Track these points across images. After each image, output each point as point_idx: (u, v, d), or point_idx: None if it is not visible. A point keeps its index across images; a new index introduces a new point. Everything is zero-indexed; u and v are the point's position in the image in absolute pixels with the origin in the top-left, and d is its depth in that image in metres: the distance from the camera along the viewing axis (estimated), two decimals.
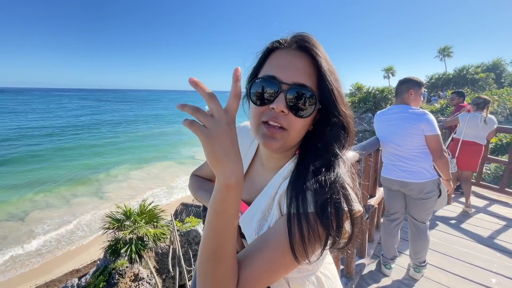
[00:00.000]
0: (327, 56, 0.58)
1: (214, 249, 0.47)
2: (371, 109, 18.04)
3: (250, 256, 0.52)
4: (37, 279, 9.61)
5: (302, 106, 0.54)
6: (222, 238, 0.47)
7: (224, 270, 0.48)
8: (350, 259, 2.14)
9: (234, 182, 0.44)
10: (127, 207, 6.88)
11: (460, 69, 26.78)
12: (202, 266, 0.49)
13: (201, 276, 0.49)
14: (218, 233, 0.47)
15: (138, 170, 21.63)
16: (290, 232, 0.51)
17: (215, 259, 0.47)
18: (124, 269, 7.29)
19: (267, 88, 0.55)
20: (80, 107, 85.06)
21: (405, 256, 2.52)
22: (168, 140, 35.97)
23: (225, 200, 0.45)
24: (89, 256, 10.83)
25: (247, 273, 0.50)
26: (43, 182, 18.37)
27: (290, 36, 0.58)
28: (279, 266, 0.51)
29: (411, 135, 2.02)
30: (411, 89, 2.07)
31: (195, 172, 1.00)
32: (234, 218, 0.48)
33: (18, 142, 31.00)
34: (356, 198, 0.56)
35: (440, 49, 40.31)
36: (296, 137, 0.58)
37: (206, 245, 0.48)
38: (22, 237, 11.88)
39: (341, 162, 0.58)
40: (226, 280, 0.48)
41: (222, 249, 0.47)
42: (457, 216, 3.38)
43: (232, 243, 0.49)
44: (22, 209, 14.38)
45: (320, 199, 0.52)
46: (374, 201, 2.48)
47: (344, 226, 0.52)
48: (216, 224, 0.47)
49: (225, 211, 0.46)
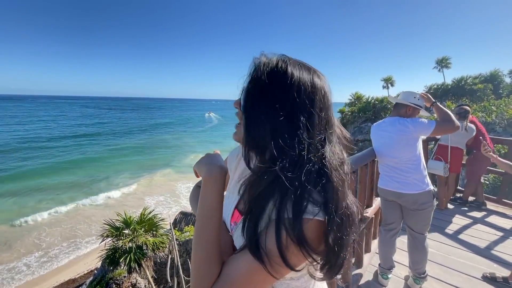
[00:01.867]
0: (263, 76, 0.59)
1: (201, 231, 0.59)
2: (371, 118, 18.16)
3: (228, 260, 0.56)
4: None
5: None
6: (206, 221, 0.60)
7: (208, 253, 0.57)
8: (346, 269, 2.16)
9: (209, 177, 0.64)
10: (127, 215, 6.87)
11: (458, 79, 27.08)
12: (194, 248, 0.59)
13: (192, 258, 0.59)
14: (203, 217, 0.60)
15: (138, 178, 21.58)
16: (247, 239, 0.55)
17: (202, 240, 0.58)
18: (122, 278, 7.19)
19: None
20: (81, 115, 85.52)
21: (402, 267, 2.54)
22: (169, 148, 36.04)
23: (204, 190, 0.63)
24: (85, 266, 10.67)
25: (225, 272, 0.55)
26: (43, 190, 18.33)
27: None
28: (249, 276, 0.52)
29: (405, 147, 2.07)
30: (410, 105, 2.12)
31: (198, 183, 1.01)
32: (212, 207, 0.61)
33: (18, 151, 31.08)
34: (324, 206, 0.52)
35: (438, 60, 40.86)
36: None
37: (197, 230, 0.61)
38: (19, 246, 11.78)
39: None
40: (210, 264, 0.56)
41: (207, 230, 0.59)
42: (454, 227, 3.39)
43: (215, 228, 0.60)
44: (22, 217, 14.29)
45: (277, 207, 0.52)
46: (370, 211, 2.51)
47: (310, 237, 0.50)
48: (202, 210, 0.61)
49: (205, 199, 0.62)
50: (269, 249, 0.50)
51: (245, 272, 0.53)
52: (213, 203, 0.61)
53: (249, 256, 0.52)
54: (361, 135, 16.29)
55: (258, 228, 0.54)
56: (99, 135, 45.28)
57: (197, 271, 0.55)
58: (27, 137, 39.50)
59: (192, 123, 76.23)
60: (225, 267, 0.56)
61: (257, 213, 0.55)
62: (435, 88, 28.56)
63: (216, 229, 0.60)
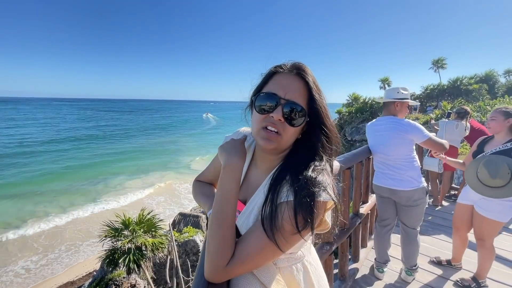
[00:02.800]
0: (316, 80, 0.73)
1: (218, 212, 0.66)
2: (368, 119, 18.27)
3: (241, 240, 0.66)
4: None
5: (294, 117, 0.69)
6: (223, 204, 0.67)
7: (224, 232, 0.63)
8: (343, 263, 2.22)
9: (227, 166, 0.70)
10: (125, 216, 6.88)
11: (454, 80, 27.35)
12: (209, 230, 0.65)
13: (208, 240, 0.64)
14: (221, 200, 0.67)
15: (135, 180, 21.59)
16: (262, 219, 0.64)
17: (219, 220, 0.65)
18: (121, 279, 7.20)
19: (269, 101, 0.70)
20: (79, 117, 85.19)
21: (397, 261, 2.60)
22: (167, 149, 36.02)
23: (223, 177, 0.69)
24: (84, 268, 10.65)
25: (239, 250, 0.63)
26: (41, 193, 18.24)
27: (290, 64, 0.74)
28: (262, 251, 0.62)
29: (398, 145, 2.14)
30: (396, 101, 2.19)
31: (198, 178, 1.09)
32: (231, 190, 0.68)
33: (16, 152, 30.89)
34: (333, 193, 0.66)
35: (434, 60, 41.22)
36: (287, 141, 0.72)
37: (214, 211, 0.66)
38: (17, 248, 11.72)
39: (321, 163, 0.70)
40: (225, 243, 0.63)
41: (224, 212, 0.65)
42: (448, 223, 3.47)
43: (231, 211, 0.67)
44: (21, 220, 14.23)
45: (294, 190, 0.63)
46: (366, 207, 2.58)
47: (319, 215, 0.63)
48: (220, 193, 0.68)
49: (223, 185, 0.68)
50: (284, 227, 0.61)
51: (258, 248, 0.62)
52: (230, 189, 0.68)
53: (261, 235, 0.62)
54: (359, 135, 16.40)
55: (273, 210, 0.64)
56: (97, 137, 45.10)
57: (215, 250, 0.62)
58: (24, 140, 39.28)
59: (190, 124, 76.32)
60: (238, 246, 0.64)
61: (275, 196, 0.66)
62: (431, 89, 28.82)
63: (232, 213, 0.67)
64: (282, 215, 0.62)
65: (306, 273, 0.79)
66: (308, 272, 0.80)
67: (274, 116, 0.68)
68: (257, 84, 0.78)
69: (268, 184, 0.71)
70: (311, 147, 0.72)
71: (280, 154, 0.77)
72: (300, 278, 0.77)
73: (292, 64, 0.73)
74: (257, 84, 0.78)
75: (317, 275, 0.83)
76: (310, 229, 0.62)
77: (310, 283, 0.79)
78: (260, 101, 0.71)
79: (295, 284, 0.76)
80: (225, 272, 0.62)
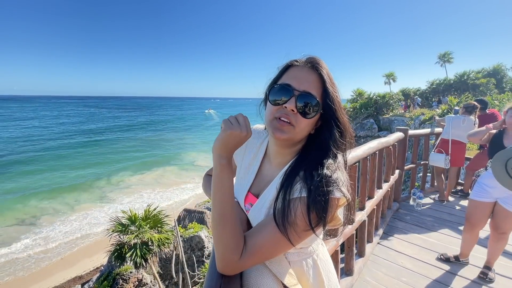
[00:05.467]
0: (330, 74, 0.74)
1: (219, 214, 0.64)
2: (372, 114, 18.10)
3: (252, 233, 0.67)
4: (39, 286, 9.65)
5: (307, 109, 0.69)
6: (223, 204, 0.65)
7: (229, 233, 0.63)
8: (350, 258, 2.23)
9: (225, 162, 0.67)
10: (132, 212, 6.98)
11: (461, 74, 26.85)
12: (214, 231, 0.64)
13: (216, 238, 0.64)
14: (220, 200, 0.65)
15: (140, 175, 21.83)
16: (274, 214, 0.65)
17: (221, 222, 0.64)
18: (128, 274, 7.33)
19: (283, 92, 0.70)
20: (81, 114, 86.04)
21: (404, 256, 2.60)
22: (169, 146, 36.20)
23: (221, 174, 0.66)
24: (91, 263, 10.86)
25: (251, 243, 0.64)
26: (46, 189, 18.54)
27: (305, 58, 0.75)
28: (273, 244, 0.64)
29: None
30: None
31: (208, 172, 1.11)
32: (229, 189, 0.67)
33: (22, 147, 31.37)
34: (346, 190, 0.67)
35: (440, 55, 40.48)
36: (299, 133, 0.72)
37: (214, 212, 0.65)
38: (24, 242, 11.98)
39: (335, 159, 0.70)
40: (234, 239, 0.63)
41: (225, 213, 0.65)
42: (455, 219, 3.45)
43: (232, 209, 0.66)
44: (29, 215, 14.52)
45: (308, 186, 0.64)
46: (372, 202, 2.57)
47: (332, 212, 0.64)
48: (218, 194, 0.66)
49: (221, 183, 0.66)
50: (296, 223, 0.62)
51: (270, 242, 0.64)
52: (230, 184, 0.67)
53: (273, 229, 0.63)
54: (363, 131, 16.27)
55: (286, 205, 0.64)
56: (102, 133, 45.53)
57: (226, 246, 0.62)
58: (31, 136, 39.85)
59: (193, 120, 76.59)
60: (250, 239, 0.65)
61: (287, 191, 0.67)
62: (437, 83, 28.38)
63: (234, 210, 0.67)
64: (295, 211, 0.62)
65: (316, 268, 0.80)
66: (318, 267, 0.81)
67: (287, 107, 0.68)
68: (273, 77, 0.79)
69: (281, 179, 0.71)
70: (325, 142, 0.71)
71: (292, 148, 0.77)
72: (310, 273, 0.78)
73: (307, 58, 0.74)
74: (273, 78, 0.79)
75: (327, 271, 0.84)
76: (322, 225, 0.63)
77: (320, 279, 0.80)
78: (274, 92, 0.72)
79: (305, 278, 0.77)
80: (237, 265, 0.63)
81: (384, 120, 16.59)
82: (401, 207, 3.77)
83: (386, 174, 3.16)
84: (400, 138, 3.34)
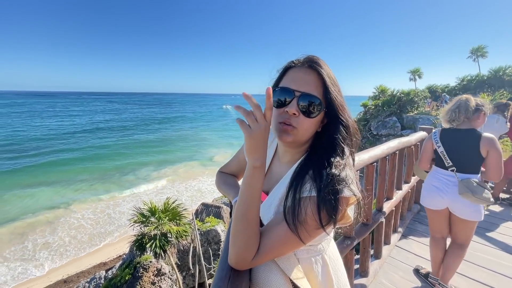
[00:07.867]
0: (330, 72, 0.73)
1: (244, 212, 0.65)
2: (396, 112, 17.32)
3: (266, 230, 0.68)
4: (68, 270, 10.40)
5: (310, 109, 0.69)
6: (250, 204, 0.65)
7: (250, 231, 0.65)
8: (364, 259, 2.19)
9: (258, 165, 0.64)
10: (152, 204, 7.28)
11: (496, 70, 24.85)
12: (235, 226, 0.66)
13: (234, 235, 0.65)
14: (247, 200, 0.65)
15: (162, 171, 22.73)
16: (284, 212, 0.66)
17: (245, 221, 0.65)
18: (148, 263, 7.68)
19: (283, 95, 0.71)
20: (107, 109, 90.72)
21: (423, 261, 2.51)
22: (190, 142, 37.21)
23: (252, 177, 0.65)
24: (115, 251, 11.51)
25: (263, 244, 0.66)
26: (76, 181, 19.81)
27: (303, 58, 0.75)
28: (285, 243, 0.65)
29: None
30: None
31: (221, 169, 1.15)
32: (258, 191, 0.66)
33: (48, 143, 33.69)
34: (356, 188, 0.67)
35: (473, 49, 37.71)
36: (304, 134, 0.72)
37: (239, 210, 0.66)
38: (60, 230, 12.93)
39: (343, 156, 0.70)
40: (252, 240, 0.65)
41: (249, 212, 0.65)
42: (482, 223, 3.25)
43: (256, 210, 0.66)
44: (61, 205, 15.62)
45: (317, 185, 0.65)
46: (391, 203, 2.49)
47: (342, 210, 0.64)
48: (246, 194, 0.65)
49: (252, 184, 0.65)
50: (307, 221, 0.63)
51: (281, 241, 0.65)
52: (258, 189, 0.66)
53: (284, 227, 0.65)
54: (385, 130, 15.64)
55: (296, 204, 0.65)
56: (124, 129, 47.62)
57: (243, 246, 0.64)
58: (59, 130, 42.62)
59: (211, 116, 78.22)
60: (263, 237, 0.67)
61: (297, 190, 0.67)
62: (468, 80, 26.53)
63: (258, 211, 0.67)
64: (305, 210, 0.63)
65: (325, 266, 0.80)
66: (327, 265, 0.81)
67: (288, 111, 0.69)
68: (274, 79, 0.80)
69: (290, 178, 0.72)
70: (332, 140, 0.71)
71: (300, 147, 0.78)
72: (319, 271, 0.78)
73: (305, 58, 0.74)
74: (274, 79, 0.80)
75: (336, 269, 0.84)
76: (333, 224, 0.64)
77: (328, 277, 0.80)
78: (276, 96, 0.72)
79: (313, 275, 0.78)
80: (250, 264, 0.66)
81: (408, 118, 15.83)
82: (423, 210, 3.62)
83: (407, 174, 3.05)
84: (423, 137, 3.20)
